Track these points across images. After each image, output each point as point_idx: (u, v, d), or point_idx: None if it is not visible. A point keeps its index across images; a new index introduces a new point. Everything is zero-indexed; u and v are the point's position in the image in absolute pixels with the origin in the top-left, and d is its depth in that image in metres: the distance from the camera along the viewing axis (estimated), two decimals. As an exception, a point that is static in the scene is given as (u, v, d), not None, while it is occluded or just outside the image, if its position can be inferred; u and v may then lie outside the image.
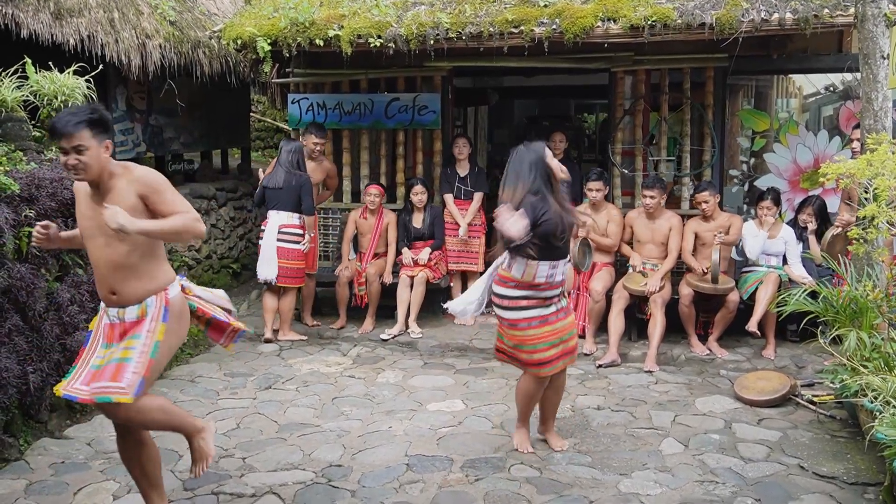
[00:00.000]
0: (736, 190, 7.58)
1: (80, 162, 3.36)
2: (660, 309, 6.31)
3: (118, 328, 3.54)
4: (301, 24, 6.64)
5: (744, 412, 5.26)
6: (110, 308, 3.55)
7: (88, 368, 3.50)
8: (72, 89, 5.63)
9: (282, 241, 6.80)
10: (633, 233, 6.70)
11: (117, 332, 3.54)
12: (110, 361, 3.46)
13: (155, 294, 3.55)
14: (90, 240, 3.53)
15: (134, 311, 3.53)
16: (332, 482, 4.24)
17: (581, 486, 4.18)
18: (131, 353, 3.45)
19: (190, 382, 5.89)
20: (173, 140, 8.82)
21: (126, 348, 3.47)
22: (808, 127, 7.97)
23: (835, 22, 6.00)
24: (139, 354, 3.45)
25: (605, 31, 6.32)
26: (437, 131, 7.71)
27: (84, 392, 3.43)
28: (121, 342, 3.51)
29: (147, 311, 3.53)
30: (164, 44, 7.62)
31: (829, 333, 4.77)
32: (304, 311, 7.37)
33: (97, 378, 3.43)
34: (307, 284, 7.25)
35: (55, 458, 4.52)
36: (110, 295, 3.53)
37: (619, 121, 7.37)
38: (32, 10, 6.62)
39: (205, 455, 3.74)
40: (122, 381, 3.38)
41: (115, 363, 3.44)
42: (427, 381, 5.96)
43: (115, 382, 3.38)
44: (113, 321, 3.55)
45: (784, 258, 6.52)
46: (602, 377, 6.01)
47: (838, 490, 4.11)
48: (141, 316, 3.53)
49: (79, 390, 3.45)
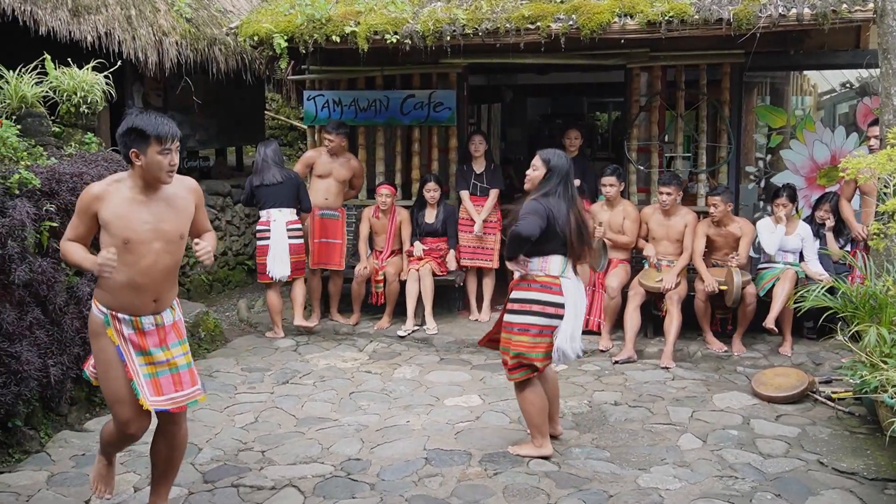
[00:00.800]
0: (752, 187, 7.55)
1: (177, 162, 3.49)
2: (676, 305, 6.30)
3: (155, 335, 3.55)
4: (317, 21, 6.66)
5: (762, 408, 5.24)
6: (143, 317, 3.51)
7: (145, 380, 3.50)
8: (90, 85, 5.68)
9: (293, 238, 6.95)
10: (649, 229, 6.69)
11: (156, 339, 3.54)
12: (180, 367, 3.58)
13: (176, 294, 3.72)
14: (141, 252, 3.44)
15: (169, 315, 3.61)
16: (351, 475, 4.26)
17: (600, 481, 4.18)
18: (190, 357, 3.67)
19: (208, 377, 5.91)
20: (189, 137, 8.85)
21: (186, 353, 3.64)
22: (824, 124, 7.94)
23: (854, 17, 5.97)
24: (190, 355, 3.68)
25: (621, 27, 6.31)
26: (453, 128, 7.72)
27: (177, 400, 3.56)
28: (169, 348, 3.57)
29: (176, 311, 3.67)
30: (181, 41, 7.66)
31: (847, 330, 4.74)
32: (332, 308, 7.38)
33: (179, 386, 3.56)
34: (334, 281, 7.31)
35: (76, 450, 4.55)
36: (151, 302, 3.52)
37: (634, 117, 7.36)
38: (51, 8, 6.67)
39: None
40: (198, 383, 3.66)
41: (186, 369, 3.61)
42: (443, 377, 5.97)
43: (195, 386, 3.64)
44: (147, 329, 3.53)
45: (801, 255, 6.50)
46: (618, 373, 6.01)
47: (858, 485, 4.10)
48: (173, 317, 3.64)
49: (166, 402, 3.52)
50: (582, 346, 4.42)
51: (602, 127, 14.85)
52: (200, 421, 5.05)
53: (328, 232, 7.22)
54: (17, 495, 3.99)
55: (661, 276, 6.41)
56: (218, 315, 7.51)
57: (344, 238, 7.29)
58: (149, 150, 3.38)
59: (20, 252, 4.34)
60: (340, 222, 7.28)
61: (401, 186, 7.80)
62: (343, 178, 7.28)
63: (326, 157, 7.22)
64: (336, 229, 7.24)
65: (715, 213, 6.35)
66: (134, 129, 3.40)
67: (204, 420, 5.07)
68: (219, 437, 4.78)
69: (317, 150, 7.38)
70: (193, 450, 4.58)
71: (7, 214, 4.31)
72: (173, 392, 3.54)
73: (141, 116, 3.44)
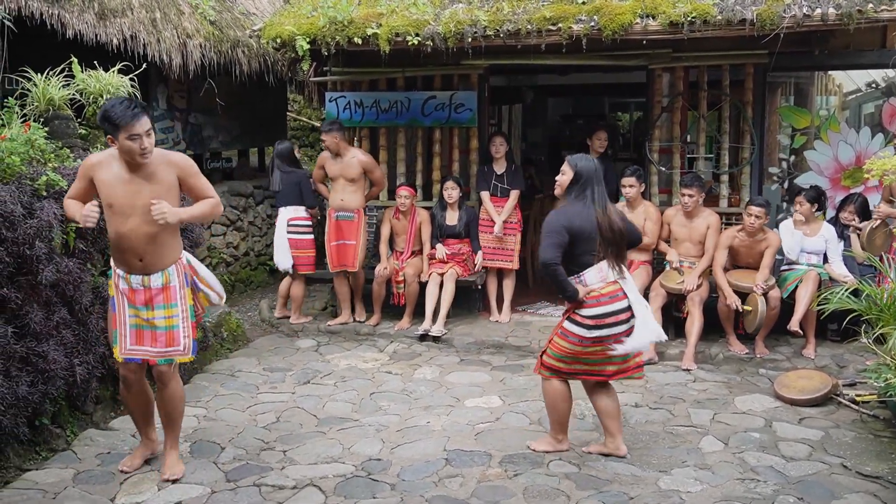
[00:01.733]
0: (775, 188, 7.50)
1: (149, 145, 3.89)
2: (697, 307, 6.27)
3: (142, 294, 4.05)
4: (340, 23, 6.69)
5: (784, 411, 5.21)
6: (133, 275, 4.03)
7: (130, 330, 4.07)
8: (116, 88, 5.74)
9: (291, 234, 7.42)
10: (671, 231, 6.66)
11: (142, 298, 4.05)
12: (157, 328, 4.06)
13: (174, 263, 4.11)
14: (123, 217, 3.95)
15: (159, 279, 4.06)
16: (371, 475, 4.28)
17: (621, 483, 4.17)
18: (176, 321, 4.09)
19: (230, 377, 5.96)
20: (212, 138, 8.94)
21: (168, 317, 4.07)
22: (849, 124, 7.85)
23: (879, 17, 5.89)
24: (183, 321, 4.10)
25: (643, 28, 6.28)
26: (474, 129, 7.72)
27: (149, 353, 4.08)
28: (153, 309, 4.05)
29: (170, 278, 4.08)
30: (205, 43, 7.73)
31: (872, 332, 4.70)
32: (356, 305, 7.46)
33: (154, 342, 4.07)
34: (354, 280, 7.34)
35: (101, 448, 4.61)
36: (136, 261, 4.01)
37: (656, 118, 7.33)
38: (77, 11, 6.75)
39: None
40: (179, 345, 4.09)
41: (164, 331, 4.07)
42: (464, 378, 5.98)
43: (173, 347, 4.08)
44: (135, 287, 4.05)
45: (825, 256, 6.44)
46: (639, 375, 5.98)
47: (882, 490, 4.06)
48: (165, 283, 4.07)
49: (136, 352, 4.08)
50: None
51: (624, 127, 14.79)
52: (223, 420, 5.11)
53: (344, 233, 7.18)
54: (45, 493, 4.05)
55: (683, 278, 6.39)
56: (240, 315, 7.58)
57: (359, 239, 7.18)
58: (120, 137, 3.84)
59: (47, 253, 4.40)
60: (356, 223, 7.18)
61: (421, 188, 7.82)
62: (353, 177, 7.15)
63: (332, 159, 7.22)
64: (352, 230, 7.17)
65: (756, 224, 6.22)
66: (104, 118, 3.86)
67: (226, 419, 5.12)
68: (241, 437, 4.82)
69: (326, 153, 7.37)
70: (216, 449, 4.64)
71: (35, 215, 4.38)
72: (148, 346, 4.07)
73: (112, 105, 3.86)
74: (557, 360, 4.41)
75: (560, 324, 4.41)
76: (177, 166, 4.07)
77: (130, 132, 3.81)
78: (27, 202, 4.40)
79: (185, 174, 4.10)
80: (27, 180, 4.50)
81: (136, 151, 3.86)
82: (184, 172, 4.09)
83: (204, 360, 6.17)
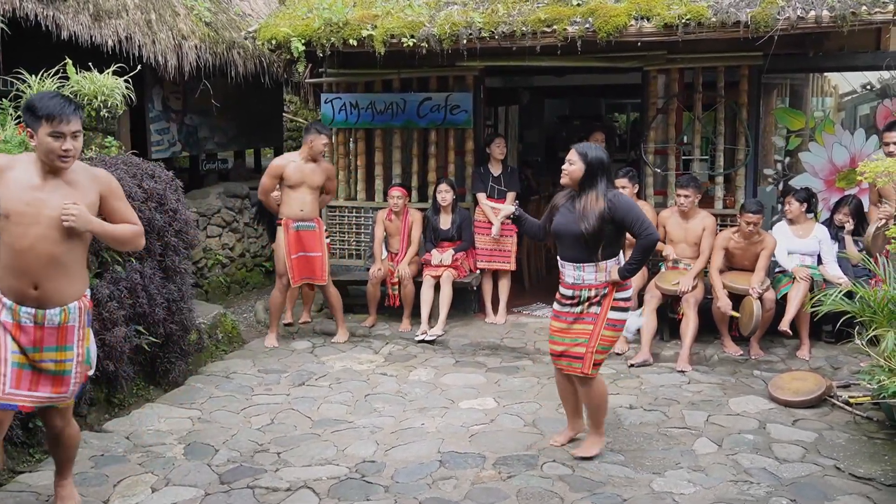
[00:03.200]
0: (770, 189, 7.51)
1: (73, 148, 3.37)
2: (692, 308, 6.27)
3: (32, 332, 3.45)
4: (335, 25, 6.69)
5: (778, 413, 5.22)
6: (23, 307, 3.42)
7: (12, 369, 3.42)
8: (111, 89, 5.72)
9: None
10: (667, 232, 6.66)
11: (32, 336, 3.45)
12: (43, 371, 3.48)
13: (77, 299, 3.53)
14: (24, 227, 3.35)
15: (56, 317, 3.47)
16: (365, 477, 4.28)
17: (614, 485, 4.18)
18: (69, 367, 3.54)
19: (225, 378, 5.96)
20: (208, 140, 8.94)
21: (60, 361, 3.51)
22: (845, 126, 7.87)
23: (873, 19, 5.90)
24: (76, 365, 3.57)
25: (638, 30, 6.29)
26: (469, 130, 7.72)
27: (25, 400, 3.47)
28: (41, 349, 3.47)
29: (70, 316, 3.50)
30: (200, 44, 7.73)
31: (866, 334, 4.71)
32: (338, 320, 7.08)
33: (35, 387, 3.48)
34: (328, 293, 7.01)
35: (95, 450, 4.61)
36: (30, 290, 3.40)
37: (652, 120, 7.34)
38: (72, 12, 6.74)
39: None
40: (65, 391, 3.56)
41: (51, 375, 3.51)
42: (459, 379, 5.98)
43: (57, 394, 3.54)
44: (24, 323, 3.44)
45: (820, 258, 6.45)
46: (634, 377, 5.99)
47: (875, 491, 4.07)
48: (63, 322, 3.49)
49: (13, 397, 3.43)
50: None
51: (621, 128, 14.80)
52: (217, 422, 5.10)
53: (305, 245, 6.74)
54: (38, 495, 4.05)
55: (678, 279, 6.39)
56: (236, 316, 7.57)
57: (324, 250, 6.84)
58: (40, 131, 3.32)
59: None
60: (318, 234, 6.80)
61: (417, 189, 7.82)
62: (317, 185, 6.77)
63: (298, 164, 6.70)
64: (314, 241, 6.77)
65: (753, 231, 6.22)
66: (27, 108, 3.37)
67: (220, 421, 5.12)
68: (235, 439, 4.82)
69: (284, 158, 6.86)
70: (210, 451, 4.63)
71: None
72: (27, 390, 3.46)
73: (42, 97, 3.37)
74: (604, 354, 4.44)
75: (603, 316, 4.37)
76: (102, 183, 3.55)
77: (55, 129, 3.29)
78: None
79: (111, 194, 3.56)
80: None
81: (55, 152, 3.32)
82: (109, 192, 3.56)
83: (199, 361, 6.16)
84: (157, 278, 5.42)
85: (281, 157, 7.10)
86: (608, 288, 4.35)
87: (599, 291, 4.36)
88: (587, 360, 4.36)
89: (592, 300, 4.38)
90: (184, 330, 5.74)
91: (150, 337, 5.29)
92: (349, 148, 8.06)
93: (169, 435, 4.88)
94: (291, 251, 6.73)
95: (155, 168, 5.64)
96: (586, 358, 4.36)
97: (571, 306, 4.44)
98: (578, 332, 4.40)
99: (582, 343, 4.38)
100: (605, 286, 4.35)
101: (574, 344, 4.40)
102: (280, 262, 6.80)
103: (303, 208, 6.72)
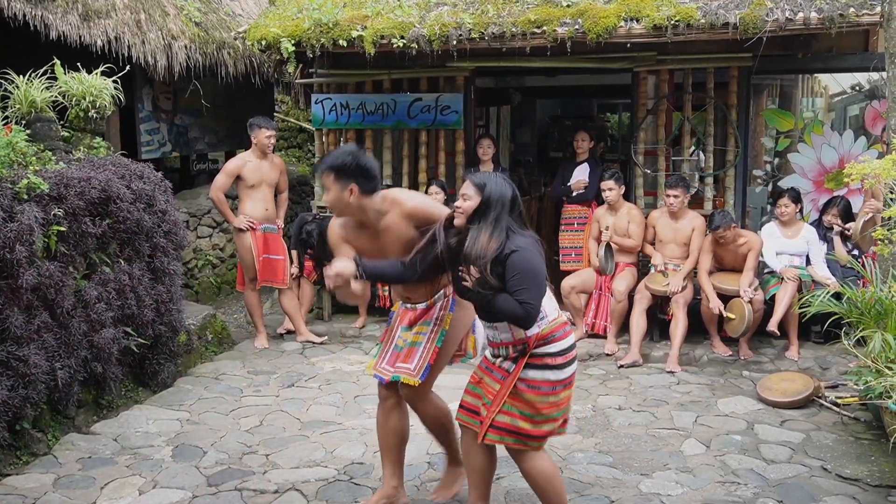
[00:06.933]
0: (759, 190, 7.53)
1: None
2: (682, 309, 6.29)
3: (411, 314, 3.82)
4: (325, 25, 6.69)
5: (766, 413, 5.23)
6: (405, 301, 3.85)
7: (392, 349, 3.82)
8: (99, 90, 5.71)
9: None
10: (656, 232, 6.68)
11: (410, 317, 3.81)
12: (406, 344, 3.78)
13: (441, 290, 3.79)
14: None
15: (423, 304, 3.80)
16: (353, 479, 4.28)
17: (602, 486, 4.18)
18: (421, 338, 3.75)
19: (214, 380, 5.95)
20: (198, 140, 8.91)
21: (417, 333, 3.76)
22: (834, 127, 7.90)
23: (861, 21, 5.94)
24: (427, 341, 3.74)
25: (627, 32, 6.31)
26: (460, 131, 7.71)
27: (388, 372, 3.77)
28: (413, 327, 3.79)
29: (435, 301, 3.78)
30: (190, 45, 7.71)
31: (853, 335, 4.73)
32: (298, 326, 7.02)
33: (398, 359, 3.76)
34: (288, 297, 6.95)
35: (82, 452, 4.60)
36: (405, 299, 3.85)
37: (641, 121, 7.35)
38: (61, 12, 6.72)
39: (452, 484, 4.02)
40: (411, 363, 3.69)
41: (407, 347, 3.76)
42: (449, 381, 5.90)
43: (406, 364, 3.71)
44: (407, 307, 3.85)
45: (808, 259, 6.47)
46: (623, 377, 6.00)
47: (862, 492, 4.09)
48: (430, 304, 3.79)
49: (384, 371, 3.80)
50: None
51: (612, 128, 14.82)
52: (206, 424, 5.09)
53: (270, 247, 6.74)
54: (24, 498, 4.04)
55: (668, 280, 6.41)
56: (226, 317, 7.55)
57: (286, 254, 6.86)
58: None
59: (28, 256, 4.37)
60: (279, 237, 6.84)
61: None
62: (274, 182, 6.79)
63: (255, 164, 6.68)
64: (277, 244, 6.79)
65: (728, 236, 6.25)
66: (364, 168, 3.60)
67: (209, 423, 5.11)
68: (224, 441, 4.81)
69: (240, 158, 6.77)
70: (198, 453, 4.62)
71: (15, 219, 4.35)
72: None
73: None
74: (528, 422, 3.40)
75: (514, 375, 3.38)
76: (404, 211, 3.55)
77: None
78: (7, 205, 4.36)
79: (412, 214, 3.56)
80: (8, 183, 4.46)
81: None
82: (411, 214, 3.56)
83: (188, 363, 6.15)
84: (145, 279, 5.40)
85: (236, 157, 7.09)
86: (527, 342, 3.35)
87: (517, 348, 3.40)
88: (483, 425, 3.44)
89: (509, 356, 3.44)
90: (173, 331, 5.73)
91: (138, 338, 5.28)
92: (340, 149, 8.04)
93: (157, 437, 4.87)
94: (260, 252, 6.72)
95: (144, 169, 5.61)
96: (483, 422, 3.44)
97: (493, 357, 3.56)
98: (487, 389, 3.50)
99: (485, 404, 3.47)
100: (526, 340, 3.35)
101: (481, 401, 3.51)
102: (248, 264, 6.75)
103: (268, 207, 6.77)
